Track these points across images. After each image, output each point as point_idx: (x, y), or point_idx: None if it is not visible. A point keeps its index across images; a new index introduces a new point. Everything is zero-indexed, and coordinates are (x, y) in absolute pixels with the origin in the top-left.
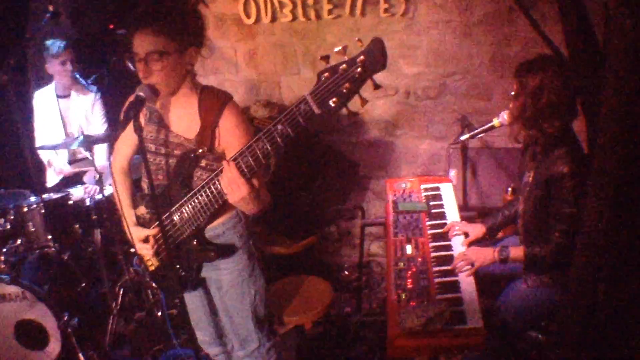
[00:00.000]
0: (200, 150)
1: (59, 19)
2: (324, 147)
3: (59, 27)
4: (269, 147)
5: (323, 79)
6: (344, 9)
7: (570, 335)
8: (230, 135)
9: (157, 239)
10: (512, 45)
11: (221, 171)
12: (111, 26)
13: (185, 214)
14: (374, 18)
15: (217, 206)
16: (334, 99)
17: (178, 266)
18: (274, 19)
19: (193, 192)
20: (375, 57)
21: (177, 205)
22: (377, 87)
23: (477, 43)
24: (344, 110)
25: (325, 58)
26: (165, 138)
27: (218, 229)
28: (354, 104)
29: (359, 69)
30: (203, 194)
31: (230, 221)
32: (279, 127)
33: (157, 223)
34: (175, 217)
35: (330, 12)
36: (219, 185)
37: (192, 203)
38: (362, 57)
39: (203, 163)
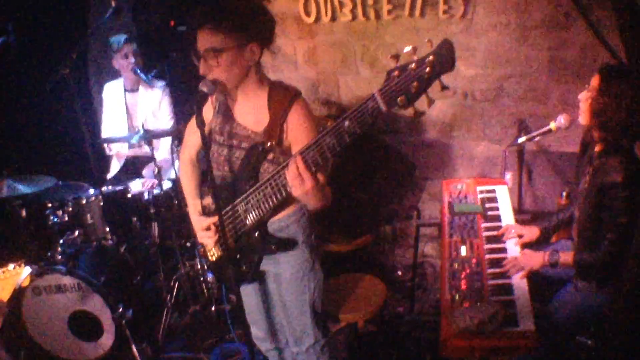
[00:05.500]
0: (269, 144)
1: (120, 14)
2: (382, 147)
3: (120, 22)
4: (335, 143)
5: (392, 77)
6: (403, 10)
7: (618, 342)
8: (297, 130)
9: (218, 227)
10: (568, 50)
11: (287, 164)
12: (172, 23)
13: (250, 205)
14: (432, 19)
15: (281, 198)
16: (401, 97)
17: (239, 257)
18: (333, 18)
19: (259, 184)
20: (444, 58)
21: (243, 196)
22: (444, 88)
23: (535, 46)
24: (409, 110)
25: (395, 57)
26: (233, 130)
27: (283, 222)
28: (420, 103)
29: (427, 69)
30: (268, 186)
31: (295, 214)
32: (346, 123)
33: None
34: (240, 208)
35: (389, 12)
36: (284, 179)
37: (257, 195)
38: (431, 58)
39: (270, 156)
